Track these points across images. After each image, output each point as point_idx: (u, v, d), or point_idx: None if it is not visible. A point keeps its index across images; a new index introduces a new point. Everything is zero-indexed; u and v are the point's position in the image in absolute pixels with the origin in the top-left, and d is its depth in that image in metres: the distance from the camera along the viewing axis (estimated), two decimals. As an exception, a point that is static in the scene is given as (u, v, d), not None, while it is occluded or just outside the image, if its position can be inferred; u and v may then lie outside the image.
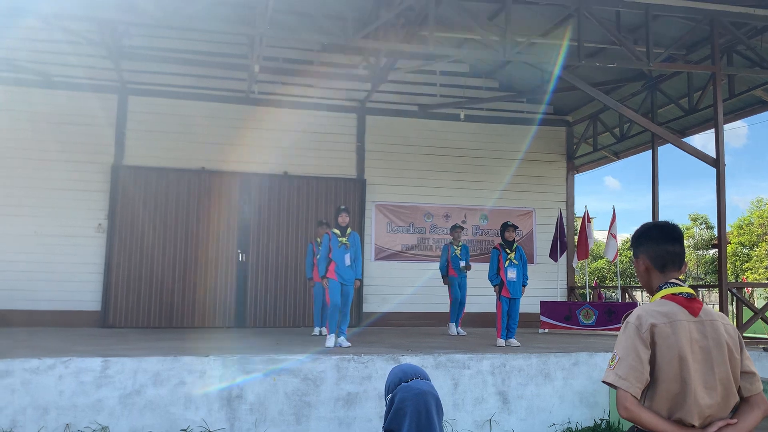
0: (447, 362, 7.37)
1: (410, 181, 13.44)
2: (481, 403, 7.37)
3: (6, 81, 11.81)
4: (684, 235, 19.98)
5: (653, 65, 9.69)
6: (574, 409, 7.64)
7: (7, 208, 11.59)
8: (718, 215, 9.82)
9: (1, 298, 11.32)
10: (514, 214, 13.67)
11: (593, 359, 7.81)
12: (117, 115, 12.25)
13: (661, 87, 12.31)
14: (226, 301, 12.29)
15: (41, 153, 11.80)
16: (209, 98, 12.62)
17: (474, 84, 14.00)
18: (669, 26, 10.49)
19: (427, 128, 13.66)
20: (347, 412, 6.98)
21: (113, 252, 11.88)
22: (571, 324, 11.55)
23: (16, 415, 6.29)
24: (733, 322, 13.12)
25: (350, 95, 13.30)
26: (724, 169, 9.73)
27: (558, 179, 14.38)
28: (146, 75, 12.37)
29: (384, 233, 13.28)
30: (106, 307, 11.75)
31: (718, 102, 9.83)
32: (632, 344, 2.44)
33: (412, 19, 10.19)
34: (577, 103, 14.17)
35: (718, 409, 2.43)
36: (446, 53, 11.19)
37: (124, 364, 6.60)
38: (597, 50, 11.44)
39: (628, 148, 14.70)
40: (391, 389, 2.48)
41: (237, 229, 12.51)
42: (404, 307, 12.88)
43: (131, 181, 12.10)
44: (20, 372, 6.38)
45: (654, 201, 12.56)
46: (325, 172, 13.00)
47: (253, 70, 10.83)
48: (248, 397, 6.78)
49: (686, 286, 2.59)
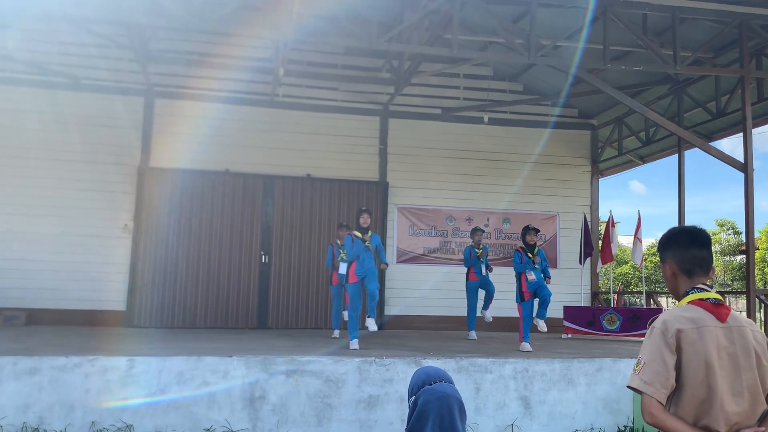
0: (469, 366, 7.34)
1: (433, 184, 13.42)
2: (503, 408, 7.33)
3: (34, 84, 12.02)
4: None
5: (680, 68, 9.58)
6: (597, 416, 7.57)
7: (36, 208, 11.79)
8: (746, 220, 9.67)
9: (29, 297, 11.52)
10: (537, 218, 13.59)
11: (617, 365, 7.72)
12: (143, 117, 12.41)
13: (687, 90, 12.15)
14: (249, 303, 12.38)
15: (68, 154, 11.99)
16: (234, 101, 12.73)
17: (498, 87, 13.95)
18: (696, 29, 10.37)
19: (450, 131, 13.64)
20: (368, 415, 6.99)
21: (138, 253, 12.03)
22: (594, 329, 11.44)
23: (44, 412, 6.40)
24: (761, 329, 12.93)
25: (373, 98, 13.33)
26: (753, 174, 9.58)
27: (582, 183, 14.26)
28: (172, 78, 12.52)
29: (406, 236, 13.28)
30: (131, 307, 11.89)
31: (746, 106, 9.69)
32: (658, 349, 2.42)
33: (437, 22, 10.19)
34: (602, 106, 14.04)
35: (745, 417, 2.40)
36: (470, 56, 11.18)
37: (149, 364, 6.68)
38: (623, 53, 11.34)
39: (653, 152, 14.53)
40: (414, 391, 2.48)
41: (260, 230, 12.60)
42: (426, 311, 12.86)
43: (156, 182, 12.25)
44: (48, 370, 6.48)
45: (680, 206, 12.39)
46: (348, 174, 13.04)
47: (278, 73, 10.91)
48: (270, 397, 6.81)
49: (714, 291, 2.56)
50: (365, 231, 8.72)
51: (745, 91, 9.70)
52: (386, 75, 12.98)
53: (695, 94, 12.18)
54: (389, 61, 12.67)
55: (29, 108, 11.97)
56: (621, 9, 9.34)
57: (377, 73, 13.14)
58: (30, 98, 11.99)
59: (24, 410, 6.36)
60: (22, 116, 11.93)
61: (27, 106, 11.97)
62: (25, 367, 6.45)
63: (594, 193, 14.31)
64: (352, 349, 8.11)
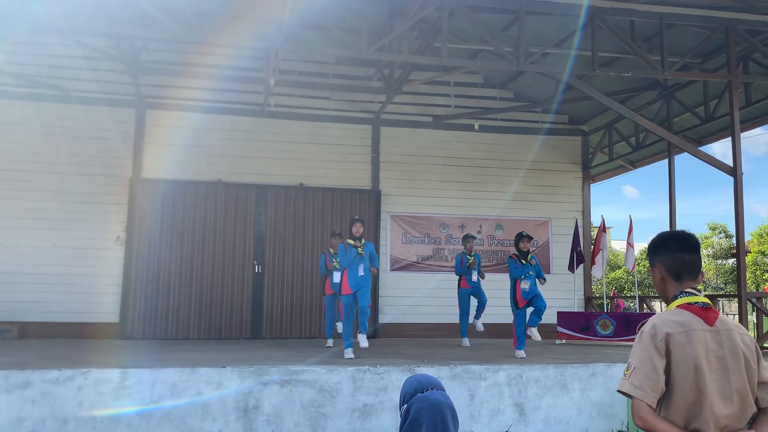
0: (463, 373, 7.35)
1: (425, 191, 13.45)
2: (497, 415, 7.33)
3: (23, 96, 12.00)
4: (702, 245, 19.62)
5: (668, 74, 9.66)
6: (591, 421, 7.58)
7: (27, 221, 11.74)
8: (737, 223, 9.74)
9: (20, 310, 11.46)
10: (530, 224, 13.63)
11: (611, 370, 7.75)
12: (135, 128, 12.40)
13: (676, 96, 12.25)
14: (243, 313, 12.35)
15: (60, 167, 11.95)
16: (226, 111, 12.75)
17: (488, 95, 14.02)
18: (684, 35, 10.46)
19: (441, 139, 13.68)
20: (363, 424, 6.98)
21: (131, 264, 11.99)
22: (588, 335, 11.46)
23: (36, 426, 6.36)
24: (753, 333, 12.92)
25: (365, 107, 13.37)
26: (742, 177, 9.66)
27: (574, 189, 14.32)
28: (163, 89, 12.51)
29: (399, 244, 13.29)
30: (124, 319, 11.84)
31: (734, 110, 9.77)
32: (647, 353, 2.44)
33: (426, 31, 10.25)
34: (593, 112, 14.13)
35: (734, 420, 2.42)
36: (460, 64, 11.23)
37: (142, 376, 6.65)
38: (611, 59, 11.42)
39: (644, 157, 14.63)
40: (406, 399, 2.48)
41: (253, 240, 12.59)
42: (420, 318, 12.87)
43: (149, 193, 12.23)
44: (40, 383, 6.45)
45: (671, 210, 12.47)
46: (341, 183, 13.06)
47: (269, 83, 10.93)
48: (265, 408, 6.80)
49: (702, 295, 2.59)
50: (358, 240, 8.76)
51: (733, 96, 9.79)
52: (377, 84, 13.03)
53: (684, 99, 12.28)
54: (380, 70, 12.72)
55: (19, 120, 11.94)
56: (609, 16, 9.41)
57: (368, 82, 13.19)
58: (19, 111, 11.96)
59: (16, 424, 6.32)
60: (12, 129, 11.89)
61: (16, 119, 11.93)
62: (17, 381, 6.41)
63: (586, 199, 14.37)
64: (346, 357, 8.11)
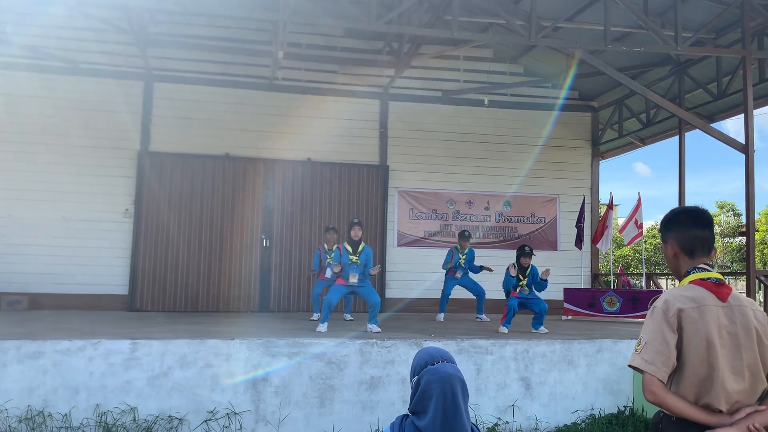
0: (470, 347, 7.38)
1: (433, 167, 13.40)
2: (503, 389, 7.38)
3: (32, 68, 11.97)
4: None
5: (681, 49, 9.54)
6: (597, 396, 7.62)
7: (36, 193, 11.79)
8: (747, 201, 9.66)
9: (31, 281, 11.57)
10: (538, 201, 13.59)
11: (617, 346, 7.77)
12: (143, 101, 12.37)
13: (689, 72, 12.10)
14: (251, 286, 12.42)
15: (68, 139, 11.97)
16: (234, 85, 12.70)
17: (498, 69, 13.89)
18: (698, 10, 10.30)
19: (450, 114, 13.60)
20: (370, 396, 7.04)
21: (140, 237, 12.05)
22: (594, 311, 11.48)
23: (48, 395, 6.45)
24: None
25: (373, 81, 13.27)
26: (754, 155, 9.57)
27: (583, 165, 14.24)
28: (172, 62, 12.46)
29: (407, 219, 13.29)
30: (133, 291, 11.94)
31: (748, 87, 9.65)
32: (659, 328, 2.43)
33: (436, 4, 10.14)
34: (603, 88, 13.99)
35: (745, 395, 2.42)
36: (470, 38, 11.10)
37: (152, 347, 6.72)
38: (623, 34, 11.28)
39: (654, 134, 14.51)
40: (417, 372, 2.50)
41: (261, 214, 12.61)
42: (426, 293, 12.88)
43: (157, 167, 12.24)
44: (51, 353, 6.52)
45: (681, 188, 12.39)
46: (349, 158, 13.02)
47: (277, 56, 10.85)
48: (273, 379, 6.86)
49: (715, 271, 2.57)
50: (356, 244, 8.61)
51: (747, 72, 9.66)
52: (386, 58, 12.92)
53: (696, 75, 12.13)
54: (389, 43, 12.61)
55: (27, 93, 11.92)
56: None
57: (377, 56, 13.08)
58: (28, 83, 11.93)
59: (28, 393, 6.41)
60: (21, 101, 11.88)
61: (25, 90, 11.92)
62: (28, 351, 6.48)
63: (594, 176, 14.30)
64: (318, 331, 8.03)
